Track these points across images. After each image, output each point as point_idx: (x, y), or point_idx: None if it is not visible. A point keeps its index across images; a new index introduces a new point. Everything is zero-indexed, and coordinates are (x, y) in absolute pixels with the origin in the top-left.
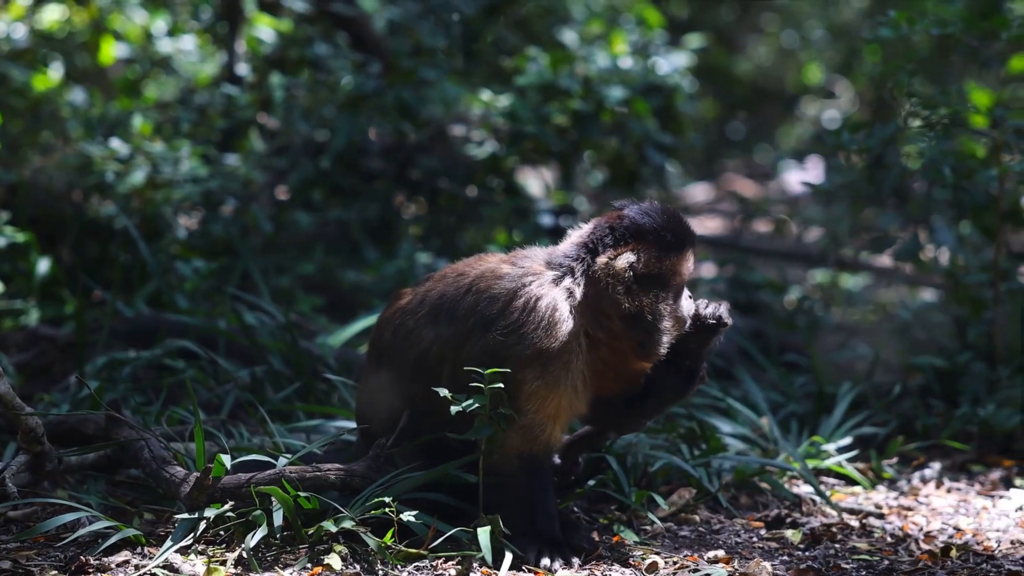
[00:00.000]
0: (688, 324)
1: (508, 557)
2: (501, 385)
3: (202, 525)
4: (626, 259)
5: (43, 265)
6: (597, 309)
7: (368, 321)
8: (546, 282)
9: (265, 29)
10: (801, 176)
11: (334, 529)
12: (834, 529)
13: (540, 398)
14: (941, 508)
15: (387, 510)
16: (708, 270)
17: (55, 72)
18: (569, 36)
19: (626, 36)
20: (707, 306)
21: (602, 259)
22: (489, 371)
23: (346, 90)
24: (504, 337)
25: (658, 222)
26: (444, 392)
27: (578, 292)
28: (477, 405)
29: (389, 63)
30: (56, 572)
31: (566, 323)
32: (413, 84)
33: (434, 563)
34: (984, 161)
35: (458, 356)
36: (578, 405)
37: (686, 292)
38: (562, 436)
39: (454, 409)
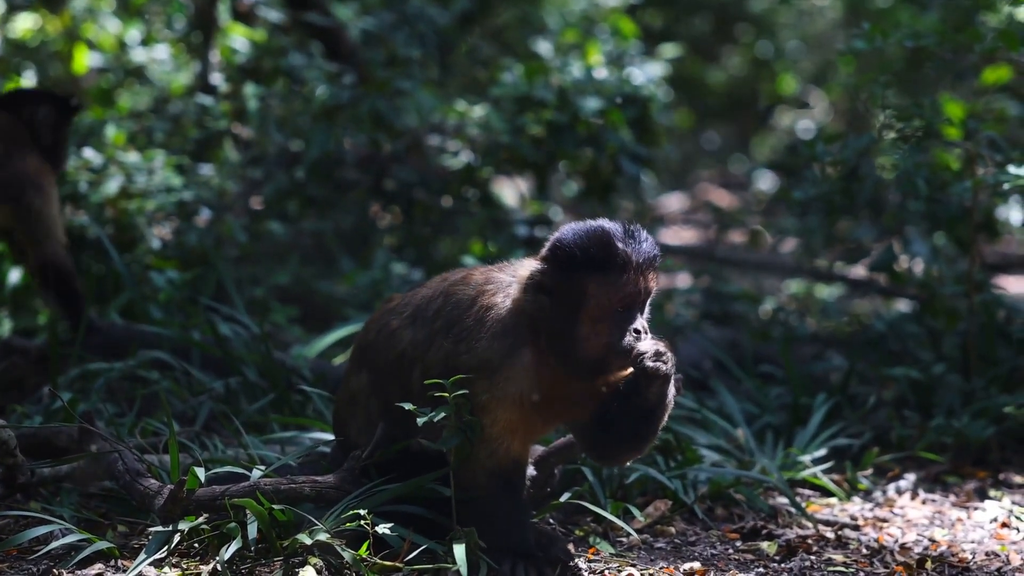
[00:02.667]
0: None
1: (483, 570)
2: (465, 391)
3: (176, 538)
4: (528, 268)
5: (14, 275)
6: (530, 320)
7: (343, 332)
8: (501, 291)
9: (239, 39)
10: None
11: (309, 542)
12: (809, 541)
13: (491, 411)
14: (916, 519)
15: (362, 523)
16: (683, 280)
17: (28, 81)
18: (544, 47)
19: (601, 46)
20: (643, 345)
21: (520, 268)
22: (451, 380)
23: (321, 100)
24: (454, 345)
25: (575, 240)
26: (409, 406)
27: (524, 303)
28: (443, 415)
29: (364, 73)
30: None
31: (510, 334)
32: (388, 94)
33: None
34: (958, 173)
35: (425, 360)
36: (535, 421)
37: (635, 327)
38: (528, 450)
39: (420, 421)
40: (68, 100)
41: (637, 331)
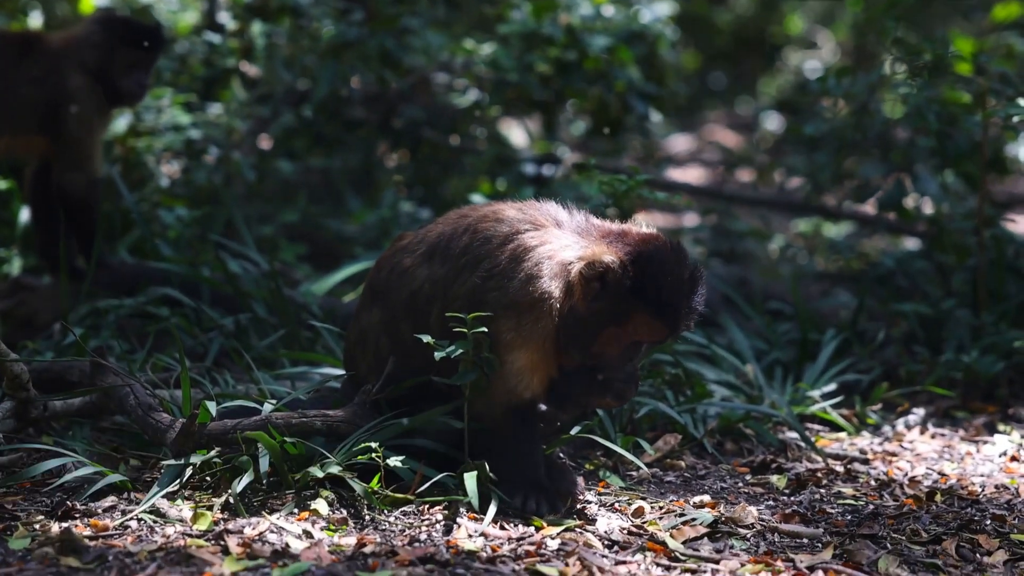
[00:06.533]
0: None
1: (494, 502)
2: (484, 329)
3: (188, 471)
4: (609, 259)
5: (25, 213)
6: (570, 284)
7: (351, 270)
8: (542, 235)
9: None
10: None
11: (321, 475)
12: (819, 474)
13: (515, 349)
14: (925, 453)
15: (373, 456)
16: (691, 220)
17: (35, 21)
18: None
19: None
20: (616, 382)
21: (598, 247)
22: (471, 316)
23: (328, 38)
24: (483, 281)
25: (657, 271)
26: (427, 339)
27: (568, 257)
28: (461, 351)
29: (371, 11)
30: (43, 517)
31: (546, 280)
32: (396, 32)
33: (421, 508)
34: (968, 108)
35: (447, 296)
36: (552, 363)
37: (636, 361)
38: (544, 387)
39: (438, 355)
40: (126, 23)
41: (633, 365)
